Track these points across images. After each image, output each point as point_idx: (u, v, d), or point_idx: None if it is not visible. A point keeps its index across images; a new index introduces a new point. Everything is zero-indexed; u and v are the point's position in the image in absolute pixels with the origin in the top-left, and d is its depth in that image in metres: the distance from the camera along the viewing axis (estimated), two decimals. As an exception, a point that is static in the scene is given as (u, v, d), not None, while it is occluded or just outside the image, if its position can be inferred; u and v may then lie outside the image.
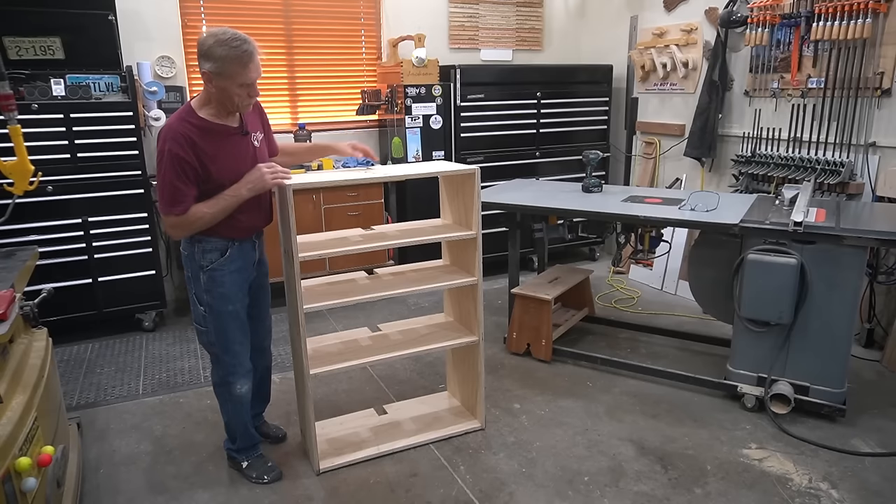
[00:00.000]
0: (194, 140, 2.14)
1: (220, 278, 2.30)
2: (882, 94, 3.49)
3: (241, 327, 2.41)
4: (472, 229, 2.63)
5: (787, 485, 2.45)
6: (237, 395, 2.45)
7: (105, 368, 3.57)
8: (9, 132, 2.42)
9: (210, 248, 2.29)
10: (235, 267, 2.34)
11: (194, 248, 2.30)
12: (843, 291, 2.72)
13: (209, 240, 2.28)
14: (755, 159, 4.12)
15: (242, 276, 2.38)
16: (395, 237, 2.62)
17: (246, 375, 2.45)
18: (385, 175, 2.54)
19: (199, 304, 2.35)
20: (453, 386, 3.08)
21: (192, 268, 2.33)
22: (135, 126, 3.76)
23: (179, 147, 2.11)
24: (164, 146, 2.13)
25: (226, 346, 2.38)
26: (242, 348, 2.43)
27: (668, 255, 4.52)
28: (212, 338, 2.37)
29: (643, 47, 5.00)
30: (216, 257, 2.29)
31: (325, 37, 4.85)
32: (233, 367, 2.41)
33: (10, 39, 3.57)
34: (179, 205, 2.15)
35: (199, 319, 2.38)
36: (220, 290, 2.31)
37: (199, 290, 2.33)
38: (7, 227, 3.19)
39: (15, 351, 2.06)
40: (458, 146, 4.75)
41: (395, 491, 2.46)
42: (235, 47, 2.07)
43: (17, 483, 1.68)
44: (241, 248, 2.35)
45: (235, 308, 2.36)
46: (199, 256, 2.30)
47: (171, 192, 2.13)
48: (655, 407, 3.04)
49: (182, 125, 2.15)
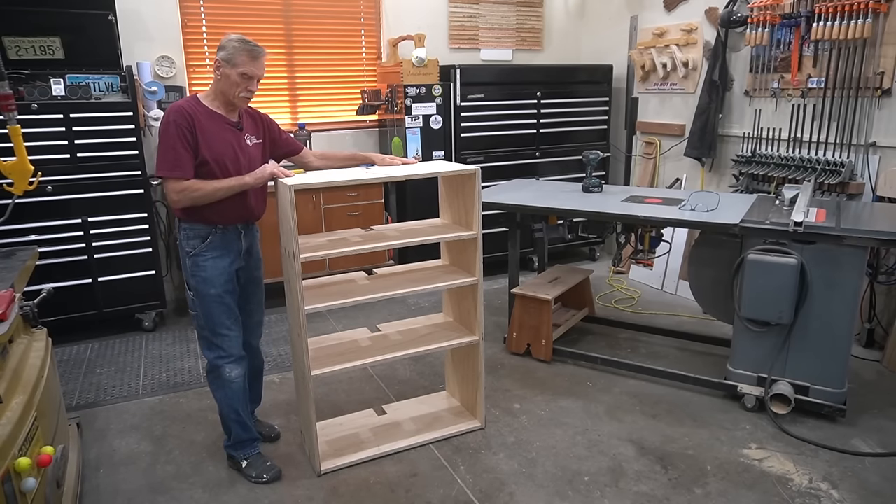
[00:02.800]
0: (195, 118, 2.31)
1: (202, 263, 2.41)
2: (882, 94, 3.49)
3: (228, 313, 2.47)
4: (473, 229, 2.63)
5: (787, 485, 2.45)
6: (227, 380, 2.48)
7: (105, 368, 3.57)
8: (9, 132, 2.42)
9: (193, 235, 2.40)
10: (217, 253, 2.43)
11: (181, 234, 2.43)
12: (844, 291, 2.72)
13: (193, 226, 2.40)
14: (755, 159, 4.12)
15: (224, 262, 2.45)
16: (395, 237, 2.62)
17: (236, 361, 2.50)
18: (385, 175, 2.53)
19: (188, 288, 2.48)
20: (453, 386, 3.08)
21: (181, 254, 2.48)
22: (135, 126, 3.76)
23: (182, 118, 2.28)
24: (167, 118, 2.29)
25: (214, 330, 2.46)
26: (232, 333, 2.48)
27: (668, 255, 4.52)
28: (202, 321, 2.47)
29: (643, 47, 5.00)
30: (198, 244, 2.41)
31: (325, 37, 4.85)
32: (223, 350, 2.47)
33: (10, 39, 3.57)
34: (179, 168, 2.28)
35: (191, 304, 2.50)
36: (203, 274, 2.41)
37: (187, 275, 2.46)
38: (7, 227, 3.19)
39: (15, 351, 2.06)
40: (458, 146, 4.75)
41: (395, 491, 2.46)
42: (248, 44, 2.33)
43: (16, 483, 1.68)
44: (223, 235, 2.44)
45: (218, 292, 2.43)
46: (184, 243, 2.43)
47: (174, 156, 2.27)
48: (655, 407, 3.04)
49: (186, 104, 2.34)
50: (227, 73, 2.31)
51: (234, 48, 2.30)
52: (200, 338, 2.52)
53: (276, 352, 3.71)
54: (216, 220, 2.40)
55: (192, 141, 2.29)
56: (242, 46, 2.30)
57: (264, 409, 2.98)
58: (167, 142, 2.27)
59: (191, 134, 2.28)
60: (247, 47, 2.31)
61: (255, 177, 2.39)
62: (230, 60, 2.30)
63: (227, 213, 2.41)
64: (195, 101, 2.36)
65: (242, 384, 2.52)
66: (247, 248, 2.54)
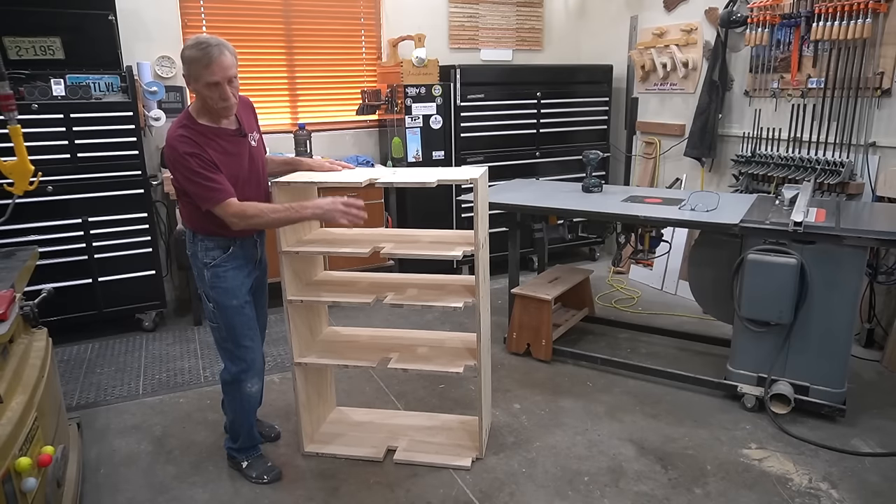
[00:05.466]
0: (200, 141, 2.20)
1: (223, 274, 2.35)
2: (882, 94, 3.49)
3: (250, 324, 2.44)
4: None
5: (787, 485, 2.45)
6: (247, 394, 2.46)
7: (105, 368, 3.57)
8: (9, 132, 2.42)
9: (213, 246, 2.34)
10: (238, 263, 2.38)
11: (197, 246, 2.35)
12: (843, 291, 2.72)
13: (212, 238, 2.33)
14: (755, 159, 4.12)
15: (244, 272, 2.41)
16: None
17: (258, 374, 2.48)
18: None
19: (207, 300, 2.40)
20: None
21: (197, 266, 2.39)
22: (135, 126, 3.76)
23: (189, 146, 2.17)
24: (173, 154, 2.18)
25: (237, 342, 2.41)
26: (254, 344, 2.45)
27: (668, 255, 4.51)
28: (223, 333, 2.41)
29: (643, 47, 5.00)
30: (219, 254, 2.34)
31: (325, 37, 4.85)
32: (246, 363, 2.43)
33: (10, 39, 3.56)
34: (219, 192, 2.18)
35: (210, 316, 2.42)
36: (223, 285, 2.35)
37: (205, 287, 2.38)
38: (7, 227, 3.18)
39: (15, 351, 2.06)
40: (458, 146, 4.75)
41: (395, 491, 2.46)
42: (200, 49, 2.12)
43: (17, 483, 1.68)
44: (242, 245, 2.39)
45: (240, 303, 2.39)
46: (202, 254, 2.34)
47: (207, 185, 2.17)
48: (655, 407, 3.04)
49: (184, 132, 2.20)
50: (197, 89, 2.18)
51: (187, 61, 2.14)
52: (221, 349, 2.46)
53: (276, 352, 3.71)
54: (236, 234, 2.34)
55: (211, 162, 2.19)
56: (193, 55, 2.12)
57: (264, 409, 2.98)
58: (193, 174, 2.16)
59: (205, 156, 2.17)
60: (197, 55, 2.12)
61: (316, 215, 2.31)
62: (190, 75, 2.16)
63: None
64: (190, 122, 2.22)
65: (258, 396, 2.52)
66: (260, 255, 2.52)
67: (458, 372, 2.48)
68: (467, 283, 2.64)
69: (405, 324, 4.11)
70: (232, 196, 2.21)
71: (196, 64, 2.13)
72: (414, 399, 3.18)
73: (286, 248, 2.45)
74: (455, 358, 2.57)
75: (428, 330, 3.01)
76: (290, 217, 2.29)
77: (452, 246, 2.48)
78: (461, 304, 2.43)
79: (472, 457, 2.62)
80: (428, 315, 4.26)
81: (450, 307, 2.43)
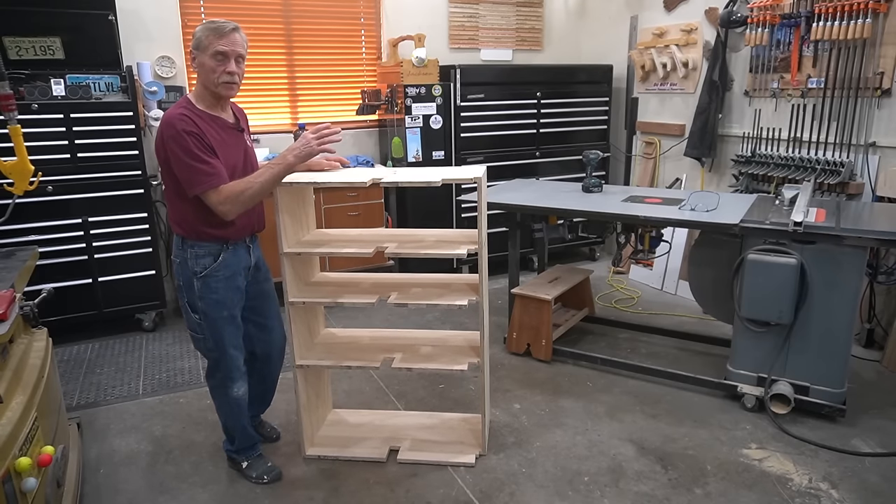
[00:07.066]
0: (199, 123, 2.17)
1: (214, 284, 2.29)
2: (882, 94, 3.49)
3: (237, 332, 2.41)
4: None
5: (787, 485, 2.45)
6: (234, 398, 2.45)
7: (105, 368, 3.57)
8: (9, 132, 2.42)
9: (203, 254, 2.27)
10: (229, 273, 2.32)
11: (187, 253, 2.28)
12: (843, 291, 2.72)
13: (202, 244, 2.27)
14: (755, 159, 4.12)
15: (236, 281, 2.36)
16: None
17: (242, 378, 2.46)
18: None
19: (192, 311, 2.33)
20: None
21: (184, 275, 2.31)
22: (135, 126, 3.76)
23: (187, 125, 2.12)
24: (171, 131, 2.12)
25: (224, 351, 2.37)
26: (238, 352, 2.43)
27: (668, 255, 4.52)
28: (209, 344, 2.36)
29: (643, 47, 5.00)
30: (209, 262, 2.27)
31: (325, 37, 4.85)
32: (230, 370, 2.41)
33: (10, 39, 3.57)
34: (213, 176, 2.13)
35: (194, 327, 2.36)
36: (214, 296, 2.29)
37: (192, 297, 2.31)
38: (7, 227, 3.19)
39: (15, 351, 2.06)
40: (458, 146, 4.75)
41: (395, 491, 2.46)
42: (215, 22, 2.18)
43: (17, 483, 1.68)
44: (234, 251, 2.34)
45: (231, 313, 2.35)
46: (192, 262, 2.27)
47: (201, 167, 2.12)
48: (655, 407, 3.04)
49: (184, 111, 2.17)
50: (202, 61, 2.17)
51: (200, 33, 2.17)
52: (206, 358, 2.44)
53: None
54: (227, 236, 2.29)
55: (209, 146, 2.15)
56: (207, 26, 2.17)
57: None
58: (188, 154, 2.10)
59: (203, 137, 2.14)
60: (212, 26, 2.16)
61: (298, 156, 2.19)
62: (199, 46, 2.16)
63: (238, 225, 2.29)
64: (190, 106, 2.20)
65: (245, 396, 2.50)
66: (255, 262, 2.46)
67: (462, 369, 2.49)
68: (470, 281, 2.65)
69: (405, 324, 4.12)
70: (226, 183, 2.16)
71: (209, 33, 2.15)
72: (414, 399, 3.18)
73: (287, 249, 2.45)
74: (458, 356, 2.58)
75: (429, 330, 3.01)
76: (275, 173, 2.20)
77: (456, 245, 2.48)
78: (466, 302, 2.44)
79: (476, 454, 2.63)
80: (428, 315, 4.26)
81: (455, 305, 2.44)
